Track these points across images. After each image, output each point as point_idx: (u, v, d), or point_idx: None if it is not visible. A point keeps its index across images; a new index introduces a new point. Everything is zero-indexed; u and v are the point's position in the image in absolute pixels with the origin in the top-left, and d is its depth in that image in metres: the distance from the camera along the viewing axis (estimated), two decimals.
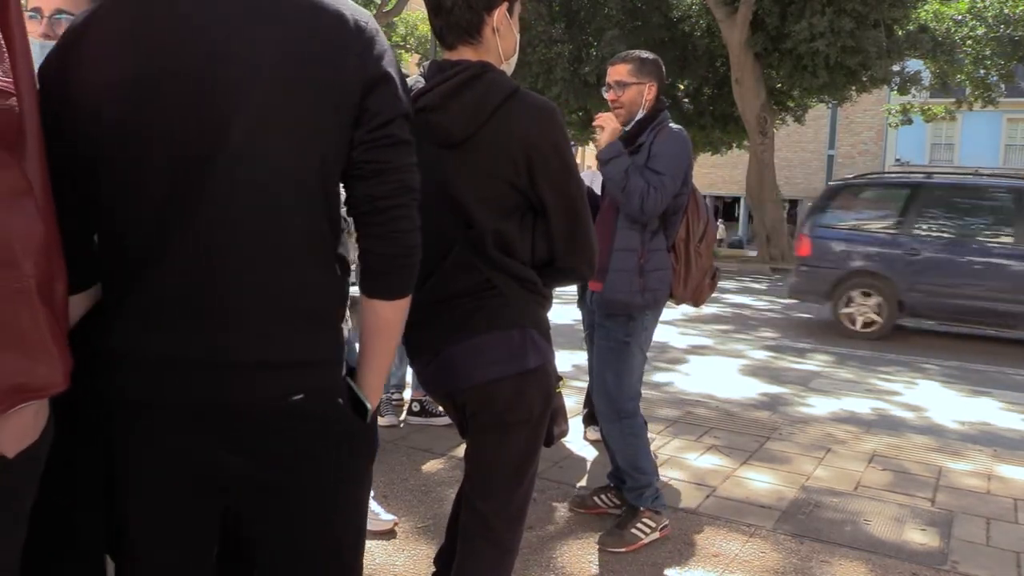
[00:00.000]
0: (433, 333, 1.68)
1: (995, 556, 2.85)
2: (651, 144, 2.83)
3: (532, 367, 1.67)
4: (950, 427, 4.87)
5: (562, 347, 6.48)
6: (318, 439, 1.21)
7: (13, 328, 0.92)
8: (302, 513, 1.24)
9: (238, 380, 1.15)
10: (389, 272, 1.24)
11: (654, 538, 2.85)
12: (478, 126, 1.59)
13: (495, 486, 1.76)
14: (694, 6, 19.99)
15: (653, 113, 2.90)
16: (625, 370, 2.91)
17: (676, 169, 2.79)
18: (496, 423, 1.70)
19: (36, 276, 0.94)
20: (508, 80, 1.65)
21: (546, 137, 1.61)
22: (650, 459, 2.98)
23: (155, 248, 1.12)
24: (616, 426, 2.96)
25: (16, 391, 0.94)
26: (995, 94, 20.93)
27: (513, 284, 1.65)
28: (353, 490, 1.31)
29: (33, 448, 1.00)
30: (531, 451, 1.76)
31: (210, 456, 1.18)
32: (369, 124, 1.18)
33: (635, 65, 2.88)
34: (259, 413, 1.17)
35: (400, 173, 1.21)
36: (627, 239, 2.84)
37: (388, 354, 1.31)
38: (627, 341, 2.89)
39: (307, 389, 1.19)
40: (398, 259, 1.24)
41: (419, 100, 1.61)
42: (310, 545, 1.26)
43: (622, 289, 2.82)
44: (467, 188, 1.62)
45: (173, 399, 1.14)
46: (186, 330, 1.13)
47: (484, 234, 1.62)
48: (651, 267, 2.83)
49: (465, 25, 1.63)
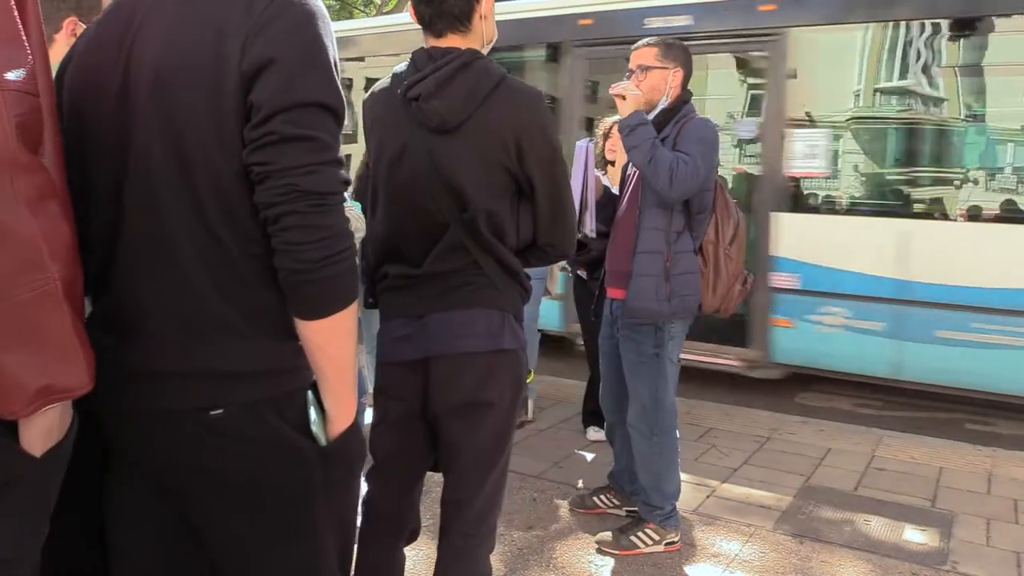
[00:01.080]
0: (418, 298, 1.72)
1: (995, 556, 2.85)
2: (676, 138, 2.60)
3: (507, 348, 1.72)
4: (950, 427, 4.86)
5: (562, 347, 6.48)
6: (245, 458, 1.14)
7: (41, 330, 0.94)
8: (238, 537, 1.20)
9: (142, 388, 1.12)
10: (292, 289, 1.10)
11: (656, 550, 2.76)
12: (471, 112, 1.63)
13: (463, 474, 1.77)
14: None
15: (678, 104, 2.68)
16: (661, 383, 2.73)
17: (705, 152, 2.55)
18: (464, 404, 1.71)
19: (63, 278, 0.95)
20: (496, 67, 1.69)
21: (534, 121, 1.68)
22: (675, 482, 2.82)
23: (100, 255, 1.14)
24: (648, 441, 2.78)
25: (45, 392, 0.95)
26: None
27: (499, 270, 1.71)
28: (295, 513, 1.20)
29: (59, 447, 1.01)
30: (499, 440, 1.76)
31: (148, 463, 1.18)
32: (252, 121, 1.06)
33: (661, 49, 2.66)
34: (179, 425, 1.12)
35: (288, 176, 1.05)
36: (651, 241, 2.64)
37: (334, 377, 1.17)
38: (657, 353, 2.71)
39: (227, 403, 1.11)
40: (295, 275, 1.09)
41: (412, 88, 1.66)
42: (254, 569, 1.22)
43: (647, 296, 2.63)
44: (462, 171, 1.66)
45: (108, 406, 1.13)
46: (105, 337, 1.10)
47: (478, 215, 1.65)
48: (678, 271, 2.62)
49: (457, 12, 1.68)
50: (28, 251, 0.91)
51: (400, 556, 1.90)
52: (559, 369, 5.58)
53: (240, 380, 1.13)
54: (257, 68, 1.06)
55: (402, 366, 1.77)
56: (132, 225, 1.12)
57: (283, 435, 1.16)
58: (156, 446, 1.15)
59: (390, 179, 1.74)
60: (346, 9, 23.28)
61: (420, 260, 1.71)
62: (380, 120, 1.77)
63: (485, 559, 1.82)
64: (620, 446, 3.08)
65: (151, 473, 1.19)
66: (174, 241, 1.10)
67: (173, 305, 1.11)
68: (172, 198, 1.09)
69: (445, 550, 1.80)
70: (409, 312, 1.74)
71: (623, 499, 3.10)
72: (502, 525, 2.88)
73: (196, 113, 1.07)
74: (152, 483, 1.20)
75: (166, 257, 1.11)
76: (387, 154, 1.74)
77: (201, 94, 1.07)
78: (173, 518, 1.23)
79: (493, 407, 1.72)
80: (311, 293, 1.10)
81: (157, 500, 1.22)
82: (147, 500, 1.22)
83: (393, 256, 1.77)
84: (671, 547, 2.79)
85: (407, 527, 1.90)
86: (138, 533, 1.24)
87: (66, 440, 1.03)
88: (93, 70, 1.16)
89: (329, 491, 1.22)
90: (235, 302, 1.12)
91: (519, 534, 2.90)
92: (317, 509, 1.21)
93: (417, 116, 1.66)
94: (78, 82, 1.17)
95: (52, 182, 0.98)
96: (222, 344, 1.12)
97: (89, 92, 1.15)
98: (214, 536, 1.22)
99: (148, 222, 1.11)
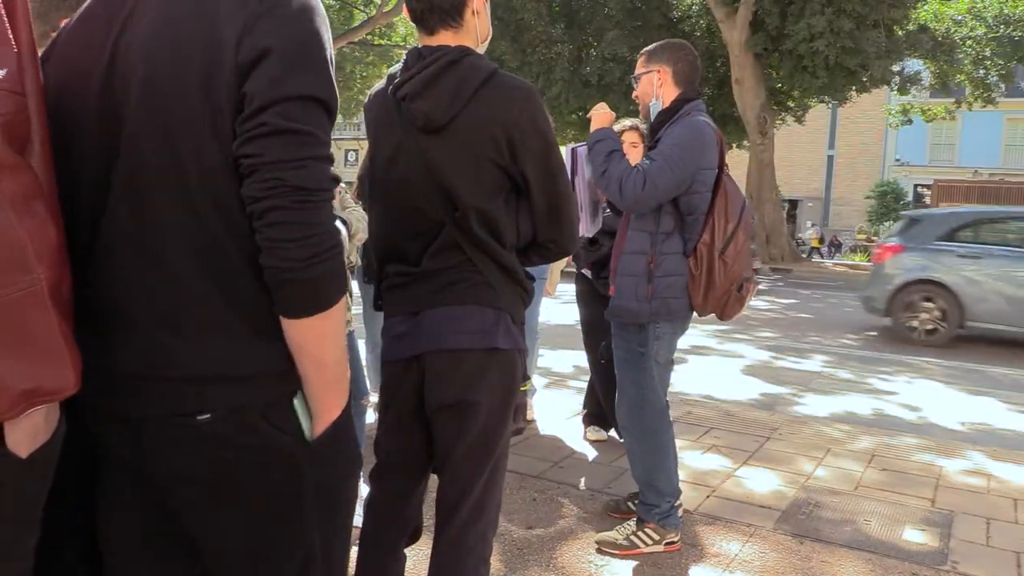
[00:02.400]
0: (414, 296, 1.71)
1: (995, 556, 2.85)
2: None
3: (500, 347, 1.70)
4: (950, 427, 4.87)
5: (562, 347, 6.50)
6: (233, 464, 1.12)
7: (27, 332, 0.93)
8: (229, 544, 1.19)
9: (125, 392, 1.10)
10: (276, 287, 1.07)
11: (656, 550, 2.75)
12: (459, 109, 1.62)
13: (452, 475, 1.76)
14: (694, 6, 20.01)
15: (676, 104, 2.64)
16: (645, 382, 2.72)
17: (677, 157, 2.50)
18: (454, 402, 1.70)
19: (49, 279, 0.95)
20: (487, 63, 1.67)
21: (526, 115, 1.64)
22: (670, 479, 2.79)
23: (81, 249, 1.10)
24: (637, 440, 2.79)
25: (30, 395, 0.94)
26: (995, 94, 20.96)
27: (496, 270, 1.69)
28: (285, 519, 1.18)
29: (45, 448, 1.01)
30: (489, 442, 1.74)
31: (136, 467, 1.16)
32: (244, 112, 1.03)
33: (647, 55, 2.69)
34: (164, 430, 1.10)
35: (276, 169, 1.02)
36: (636, 241, 2.65)
37: (315, 377, 1.14)
38: (642, 352, 2.70)
39: (214, 408, 1.09)
40: (279, 273, 1.05)
41: (401, 88, 1.66)
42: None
43: (627, 295, 2.64)
44: (451, 170, 1.64)
45: (91, 409, 1.11)
46: (86, 336, 1.05)
47: (469, 214, 1.64)
48: (661, 272, 2.61)
49: (448, 8, 1.66)
50: (13, 252, 0.91)
51: (401, 556, 1.90)
52: (559, 369, 5.59)
53: (227, 383, 1.09)
54: (253, 59, 1.04)
55: (400, 364, 1.77)
56: (117, 217, 1.08)
57: (271, 439, 1.13)
58: (143, 450, 1.13)
59: (386, 179, 1.74)
60: (346, 9, 23.30)
61: (417, 259, 1.71)
62: (375, 121, 1.78)
63: (477, 565, 1.79)
64: None
65: (139, 477, 1.17)
66: (162, 234, 1.06)
67: (159, 302, 1.08)
68: (161, 190, 1.06)
69: (435, 555, 1.79)
70: (405, 309, 1.74)
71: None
72: (502, 525, 2.88)
73: (188, 104, 1.05)
74: (141, 487, 1.18)
75: (153, 252, 1.07)
76: (382, 155, 1.74)
77: (194, 85, 1.04)
78: (163, 522, 1.21)
79: (481, 407, 1.70)
80: (295, 292, 1.07)
81: (147, 505, 1.19)
82: (137, 505, 1.20)
83: (393, 255, 1.77)
84: (671, 547, 2.78)
85: (408, 527, 1.89)
86: (130, 540, 1.22)
87: (53, 442, 1.02)
88: (78, 59, 1.12)
89: (321, 496, 1.20)
90: (226, 299, 1.09)
91: (519, 534, 2.90)
92: (308, 514, 1.19)
93: (407, 116, 1.66)
94: (61, 72, 1.14)
95: (38, 183, 0.97)
96: (210, 344, 1.08)
97: (73, 82, 1.12)
98: (206, 543, 1.20)
99: (133, 212, 1.07)
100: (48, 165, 1.02)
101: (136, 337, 1.09)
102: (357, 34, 18.73)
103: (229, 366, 1.09)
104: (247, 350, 1.10)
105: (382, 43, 23.23)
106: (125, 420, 1.12)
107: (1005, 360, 7.23)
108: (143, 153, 1.06)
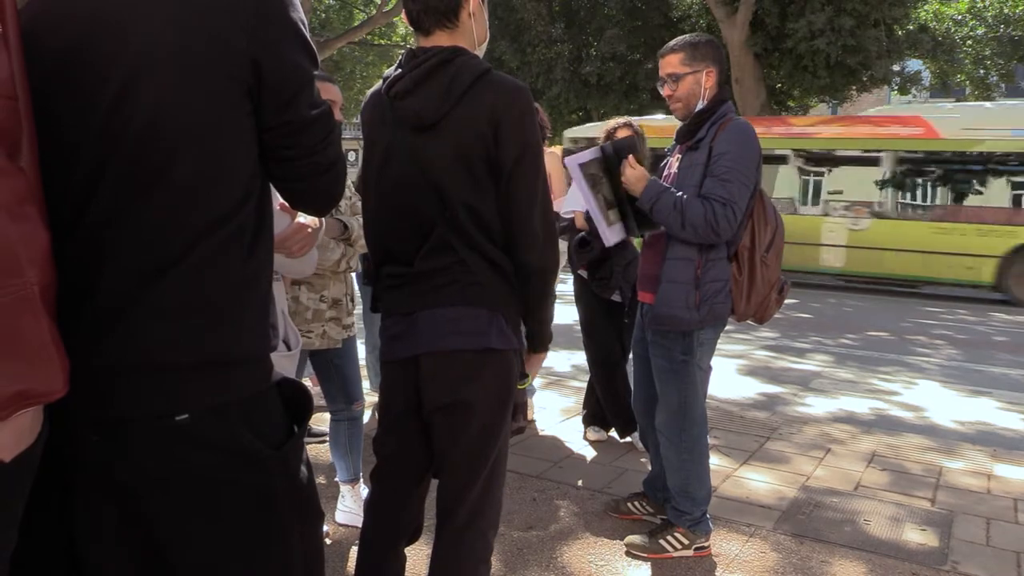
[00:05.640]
0: (409, 296, 1.71)
1: (995, 556, 2.85)
2: (712, 141, 2.51)
3: (494, 347, 1.69)
4: (949, 427, 4.87)
5: (562, 347, 6.49)
6: (209, 467, 1.11)
7: (18, 335, 0.93)
8: (202, 552, 1.16)
9: (96, 389, 1.07)
10: (309, 181, 1.23)
11: (685, 554, 2.71)
12: (450, 108, 1.62)
13: (449, 477, 1.76)
14: (694, 6, 19.98)
15: (714, 104, 2.58)
16: (690, 390, 2.66)
17: (745, 171, 2.47)
18: (450, 403, 1.70)
19: (39, 283, 0.95)
20: (480, 62, 1.67)
21: (515, 107, 1.64)
22: (704, 487, 2.75)
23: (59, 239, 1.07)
24: (676, 448, 2.73)
25: (19, 397, 0.94)
26: (995, 94, 20.94)
27: (487, 268, 1.68)
28: (260, 525, 1.17)
29: (28, 452, 1.00)
30: (484, 443, 1.74)
31: (108, 471, 1.12)
32: (273, 105, 1.12)
33: (687, 52, 2.56)
34: (139, 433, 1.08)
35: (312, 156, 1.18)
36: (682, 247, 2.55)
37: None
38: (686, 360, 2.63)
39: (193, 407, 1.08)
40: (314, 169, 1.21)
41: (393, 87, 1.66)
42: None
43: (676, 303, 2.55)
44: (441, 168, 1.65)
45: (72, 407, 1.08)
46: (68, 333, 1.04)
47: (458, 210, 1.64)
48: (709, 278, 2.53)
49: (443, 8, 1.66)
50: (5, 256, 0.91)
51: (401, 556, 1.90)
52: (559, 369, 5.58)
53: (205, 372, 1.09)
54: (266, 49, 1.09)
55: (398, 364, 1.77)
56: (102, 201, 1.07)
57: (246, 443, 1.13)
58: (116, 453, 1.10)
59: (380, 179, 1.75)
60: (346, 8, 23.29)
61: (412, 258, 1.71)
62: (369, 121, 1.78)
63: (477, 565, 1.78)
64: (654, 451, 3.00)
65: (111, 482, 1.13)
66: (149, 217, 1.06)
67: (134, 285, 1.07)
68: (147, 164, 1.06)
69: (435, 555, 1.80)
70: (401, 310, 1.74)
71: (656, 506, 3.03)
72: (502, 525, 2.88)
73: (188, 88, 1.06)
74: (113, 492, 1.14)
75: (133, 228, 1.06)
76: (376, 154, 1.74)
77: (199, 72, 1.06)
78: (135, 531, 1.16)
79: (475, 408, 1.70)
80: (325, 183, 1.23)
81: (120, 512, 1.15)
82: (110, 512, 1.15)
83: (388, 256, 1.77)
84: (701, 552, 2.74)
85: (408, 527, 1.89)
86: (105, 548, 1.17)
87: (36, 445, 1.01)
88: (67, 48, 1.09)
89: (291, 500, 1.20)
90: (208, 278, 1.09)
91: (519, 534, 2.90)
92: (284, 519, 1.19)
93: (398, 115, 1.67)
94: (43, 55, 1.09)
95: (30, 186, 0.97)
96: (188, 327, 1.08)
97: (60, 70, 1.09)
98: (177, 550, 1.16)
99: (121, 196, 1.07)
100: (35, 164, 1.01)
101: (111, 320, 1.07)
102: (357, 34, 18.72)
103: (208, 351, 1.10)
104: (229, 333, 1.12)
105: (382, 43, 23.22)
106: (102, 421, 1.10)
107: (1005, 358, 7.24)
108: (131, 130, 1.06)
